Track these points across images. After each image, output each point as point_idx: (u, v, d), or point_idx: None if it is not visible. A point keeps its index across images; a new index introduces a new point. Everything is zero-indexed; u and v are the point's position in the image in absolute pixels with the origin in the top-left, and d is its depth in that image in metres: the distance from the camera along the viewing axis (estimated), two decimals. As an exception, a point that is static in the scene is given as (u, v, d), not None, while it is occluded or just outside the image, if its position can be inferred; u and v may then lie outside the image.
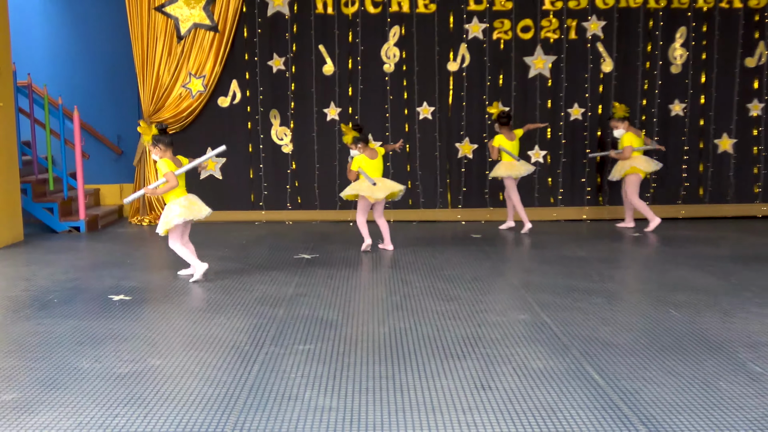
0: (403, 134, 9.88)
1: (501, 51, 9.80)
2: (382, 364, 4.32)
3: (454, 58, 9.84)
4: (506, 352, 4.52)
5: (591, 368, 4.23)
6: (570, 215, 9.95)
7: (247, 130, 9.99)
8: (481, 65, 9.82)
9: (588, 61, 9.81)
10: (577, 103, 9.87)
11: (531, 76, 9.86)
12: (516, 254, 7.63)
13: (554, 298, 5.78)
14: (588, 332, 4.90)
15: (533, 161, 9.90)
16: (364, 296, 5.93)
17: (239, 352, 4.55)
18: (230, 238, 8.77)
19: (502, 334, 4.88)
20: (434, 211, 9.98)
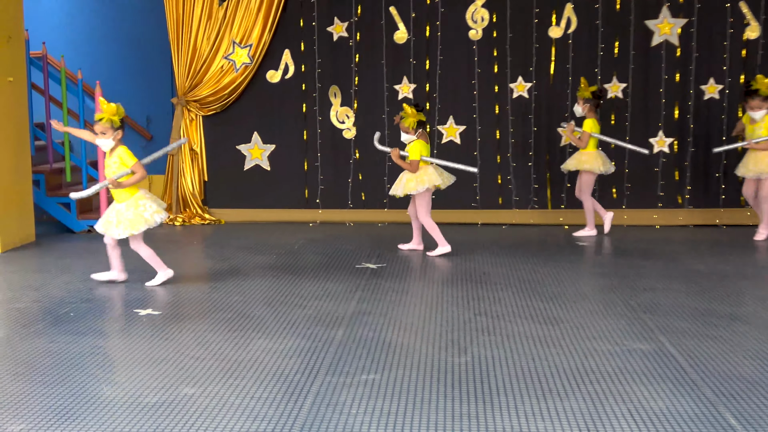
0: (491, 116, 9.83)
1: (617, 13, 9.64)
2: (464, 402, 4.29)
3: (558, 21, 9.74)
4: (620, 389, 4.44)
5: (728, 413, 4.12)
6: (701, 219, 9.71)
7: (301, 111, 10.09)
8: (592, 30, 9.69)
9: (727, 25, 9.57)
10: (712, 78, 9.64)
11: (654, 44, 9.67)
12: (633, 268, 7.49)
13: (682, 324, 5.64)
14: (726, 367, 4.77)
15: (656, 150, 9.72)
16: (443, 316, 5.91)
17: (288, 382, 4.59)
18: (279, 241, 8.87)
19: (616, 367, 4.79)
20: (529, 213, 9.88)
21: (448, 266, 7.58)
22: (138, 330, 5.59)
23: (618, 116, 9.71)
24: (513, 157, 9.85)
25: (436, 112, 9.89)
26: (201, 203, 10.23)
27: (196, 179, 10.20)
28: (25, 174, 8.75)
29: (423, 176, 7.96)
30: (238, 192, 10.25)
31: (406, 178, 8.00)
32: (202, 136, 10.22)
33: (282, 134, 10.15)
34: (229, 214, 10.25)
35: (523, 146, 9.84)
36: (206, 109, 10.15)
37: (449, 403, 4.27)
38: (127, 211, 6.67)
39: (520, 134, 9.85)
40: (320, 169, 10.10)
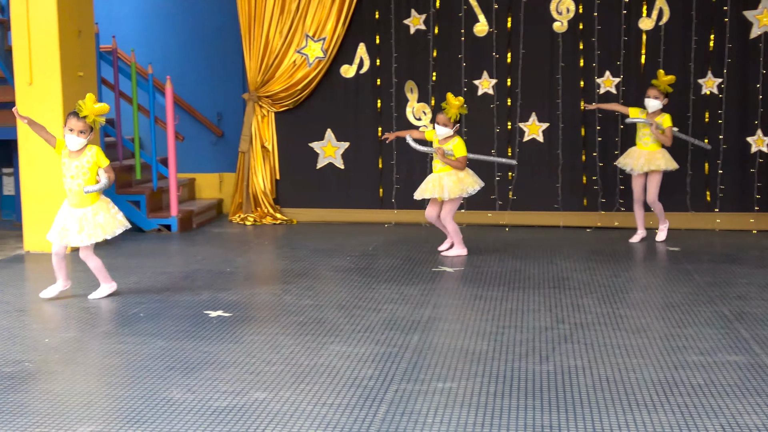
0: (577, 112, 9.77)
1: (712, 3, 9.50)
2: (545, 413, 4.29)
3: (648, 12, 9.63)
4: (712, 402, 4.39)
5: (830, 431, 4.05)
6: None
7: (376, 107, 10.17)
8: (686, 22, 9.56)
9: (834, 16, 9.37)
10: (818, 73, 9.44)
11: (753, 37, 9.50)
12: (726, 274, 7.38)
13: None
14: (827, 382, 4.68)
15: (754, 150, 9.54)
16: (522, 323, 5.92)
17: (362, 389, 4.65)
18: (353, 243, 8.95)
19: (707, 379, 4.74)
20: (615, 215, 9.79)
21: (527, 271, 7.57)
22: (208, 332, 5.72)
23: (712, 114, 9.56)
24: (599, 157, 9.77)
25: (518, 109, 9.87)
26: (272, 202, 10.38)
27: (268, 178, 10.35)
28: (95, 171, 8.98)
29: (467, 178, 8.04)
30: (310, 191, 10.38)
31: (450, 181, 7.99)
32: (273, 133, 10.38)
33: (356, 131, 10.25)
34: (302, 214, 10.39)
35: (610, 144, 9.75)
36: (278, 105, 10.30)
37: (529, 413, 4.28)
38: (97, 216, 6.50)
39: (607, 132, 9.76)
40: (395, 168, 10.17)
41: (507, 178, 9.91)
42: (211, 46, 10.93)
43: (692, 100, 9.52)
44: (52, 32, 8.24)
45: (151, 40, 10.94)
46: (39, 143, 7.99)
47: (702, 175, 9.44)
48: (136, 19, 11.06)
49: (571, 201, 9.86)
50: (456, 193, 8.00)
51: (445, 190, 7.99)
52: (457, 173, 8.01)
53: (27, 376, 4.89)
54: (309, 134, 10.36)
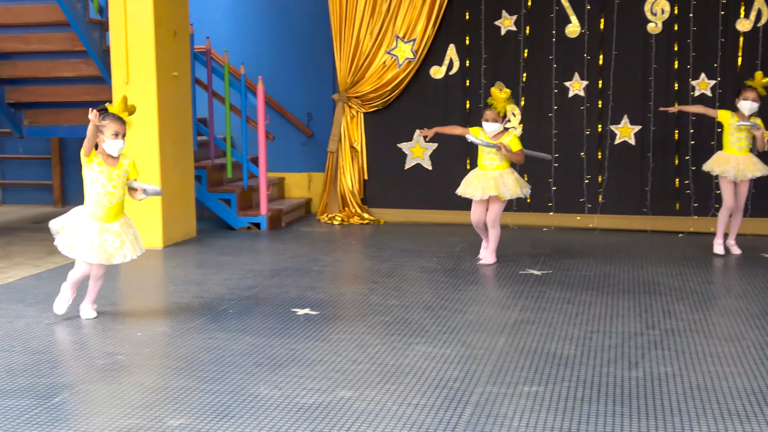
0: (669, 115, 9.58)
1: (814, 3, 9.24)
2: (634, 419, 4.23)
3: (746, 13, 9.40)
4: (808, 415, 4.27)
5: None
6: None
7: (465, 108, 10.14)
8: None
9: None
10: None
11: None
12: (826, 283, 7.16)
13: None
14: None
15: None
16: (611, 328, 5.83)
17: (447, 390, 4.64)
18: (441, 243, 8.95)
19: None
20: (710, 220, 9.57)
21: (617, 275, 7.46)
22: (295, 329, 5.78)
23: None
24: (692, 160, 9.57)
25: (609, 111, 9.74)
26: (360, 202, 10.44)
27: (356, 178, 10.41)
28: (188, 169, 9.18)
29: (521, 179, 7.88)
30: (398, 192, 10.40)
31: (511, 180, 7.71)
32: (363, 134, 10.43)
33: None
34: (389, 214, 10.42)
35: (705, 148, 9.54)
36: (367, 105, 10.35)
37: (617, 419, 4.22)
38: (130, 228, 6.05)
39: (701, 135, 9.55)
40: (484, 170, 10.11)
41: (597, 181, 9.78)
42: (303, 47, 11.04)
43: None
44: (149, 33, 8.43)
45: (244, 41, 11.11)
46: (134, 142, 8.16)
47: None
48: (230, 20, 11.24)
49: (662, 205, 9.68)
50: (516, 193, 7.76)
51: (506, 189, 7.70)
52: (514, 172, 7.84)
53: (119, 368, 5.00)
54: (397, 135, 10.39)
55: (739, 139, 8.29)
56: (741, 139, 8.30)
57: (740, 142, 8.31)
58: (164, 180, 8.58)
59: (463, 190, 7.91)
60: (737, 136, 8.28)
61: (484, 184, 7.75)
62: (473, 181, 7.84)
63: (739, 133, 8.27)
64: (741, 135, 8.28)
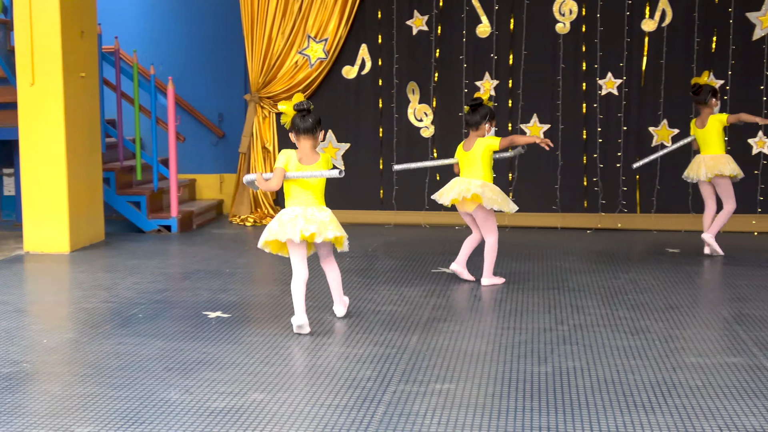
0: (578, 114, 9.78)
1: (715, 4, 9.50)
2: (544, 414, 4.30)
3: (651, 14, 9.64)
4: (710, 404, 4.40)
5: (828, 433, 4.06)
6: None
7: (377, 108, 10.18)
8: (688, 23, 9.56)
9: (836, 18, 9.37)
10: (819, 74, 9.44)
11: (756, 39, 9.50)
12: (725, 276, 7.39)
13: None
14: (826, 385, 4.69)
15: (756, 152, 9.55)
16: (522, 325, 5.92)
17: (360, 390, 4.66)
18: (353, 244, 8.88)
19: (706, 381, 4.75)
20: (617, 217, 9.80)
21: (527, 272, 7.58)
22: (207, 333, 5.73)
23: (714, 115, 9.55)
24: (600, 158, 9.77)
25: (519, 110, 9.88)
26: (273, 203, 10.40)
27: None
28: (96, 171, 9.02)
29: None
30: (310, 192, 10.36)
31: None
32: (275, 134, 10.38)
33: (357, 132, 10.26)
34: (302, 215, 10.37)
35: (611, 146, 9.76)
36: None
37: (527, 414, 4.29)
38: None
39: (608, 134, 9.77)
40: (396, 169, 10.17)
41: (507, 179, 9.91)
42: (214, 47, 10.94)
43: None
44: (55, 33, 8.25)
45: (153, 41, 10.96)
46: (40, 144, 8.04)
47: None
48: (139, 20, 11.07)
49: (571, 202, 9.87)
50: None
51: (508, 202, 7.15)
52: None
53: (25, 376, 4.90)
54: (310, 135, 10.34)
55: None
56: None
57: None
58: (71, 182, 8.41)
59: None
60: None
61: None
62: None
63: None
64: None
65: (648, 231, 9.64)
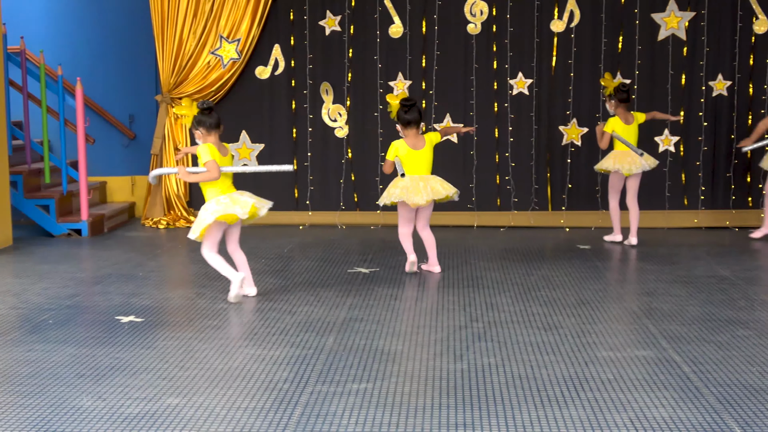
0: (489, 114, 9.89)
1: (621, 5, 9.72)
2: (460, 410, 4.35)
3: (560, 15, 9.81)
4: (621, 397, 4.50)
5: (733, 421, 4.18)
6: (710, 221, 9.79)
7: (291, 108, 10.15)
8: (596, 24, 9.76)
9: (736, 19, 9.65)
10: (721, 74, 9.71)
11: (661, 39, 9.74)
12: (635, 272, 7.56)
13: (686, 330, 5.71)
14: (730, 374, 4.83)
15: (662, 149, 9.79)
16: (437, 323, 5.97)
17: (277, 391, 4.64)
18: (268, 246, 8.93)
19: (617, 374, 4.85)
20: (529, 214, 9.95)
21: (443, 272, 7.64)
22: (120, 338, 5.64)
23: (622, 114, 9.77)
24: (512, 157, 9.91)
25: (432, 110, 9.96)
26: (186, 205, 10.28)
27: (181, 180, 10.23)
28: (2, 174, 8.80)
29: (394, 188, 7.52)
30: (225, 193, 10.27)
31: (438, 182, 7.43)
32: (187, 136, 10.27)
33: (271, 133, 10.21)
34: (216, 217, 10.28)
35: (523, 145, 9.91)
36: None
37: (443, 411, 4.33)
38: (200, 211, 6.64)
39: (520, 133, 9.91)
40: (310, 170, 10.16)
41: (422, 179, 9.96)
42: (123, 47, 10.76)
43: (602, 102, 9.71)
44: (-44, 32, 8.03)
45: (61, 41, 10.73)
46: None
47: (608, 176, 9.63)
48: (46, 20, 10.83)
49: (485, 201, 9.98)
50: (384, 202, 7.50)
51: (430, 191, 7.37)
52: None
53: (-70, 386, 4.76)
54: (223, 136, 10.20)
55: None
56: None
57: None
58: (-24, 187, 8.20)
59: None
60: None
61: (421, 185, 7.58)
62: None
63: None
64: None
65: (560, 228, 9.81)
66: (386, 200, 7.44)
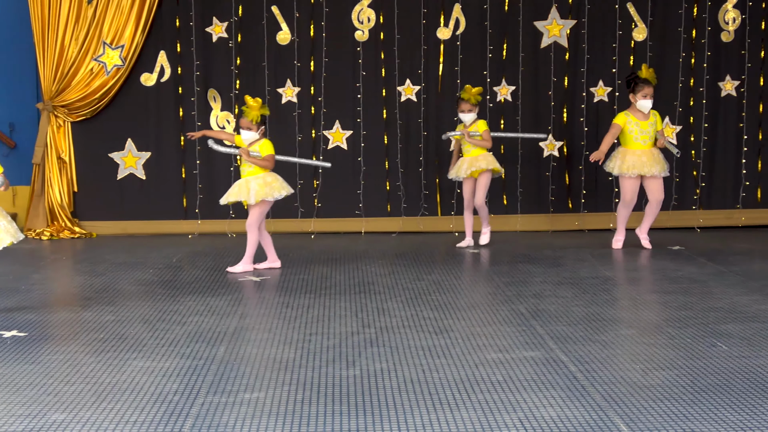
0: (378, 120, 9.95)
1: (505, 14, 9.91)
2: (353, 417, 4.35)
3: (446, 22, 9.94)
4: (511, 398, 4.57)
5: (617, 417, 4.29)
6: (594, 224, 10.06)
7: (178, 116, 10.01)
8: (481, 32, 9.93)
9: (616, 27, 9.94)
10: (602, 80, 10.00)
11: (544, 46, 9.97)
12: (523, 275, 7.70)
13: (572, 330, 5.84)
14: (614, 372, 4.96)
15: (546, 154, 10.01)
16: (329, 329, 5.97)
17: (167, 404, 4.56)
18: (157, 255, 8.78)
19: (506, 375, 4.93)
20: (419, 220, 10.05)
21: (334, 278, 7.65)
22: (2, 353, 5.47)
23: (508, 119, 9.97)
24: (401, 163, 9.99)
25: (322, 117, 9.96)
26: (70, 216, 10.04)
27: (65, 190, 10.00)
28: None
29: (275, 183, 7.83)
30: (111, 203, 10.09)
31: (257, 184, 7.78)
32: (71, 144, 10.04)
33: (158, 141, 10.05)
34: (102, 227, 10.08)
35: (412, 151, 10.00)
36: (75, 114, 9.98)
37: (336, 418, 4.32)
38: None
39: (409, 139, 10.00)
40: (199, 178, 10.03)
41: (312, 186, 9.97)
42: (2, 53, 10.43)
43: (489, 108, 9.89)
44: None
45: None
46: None
47: (499, 179, 9.81)
48: None
49: (375, 207, 10.03)
50: (261, 196, 7.77)
51: (252, 193, 7.78)
52: (265, 177, 7.85)
53: None
54: (108, 144, 10.08)
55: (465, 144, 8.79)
56: (467, 144, 8.77)
57: (467, 146, 8.80)
58: None
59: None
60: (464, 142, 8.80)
61: (231, 189, 7.92)
62: (232, 186, 8.01)
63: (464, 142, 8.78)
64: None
65: (449, 233, 9.93)
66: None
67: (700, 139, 10.05)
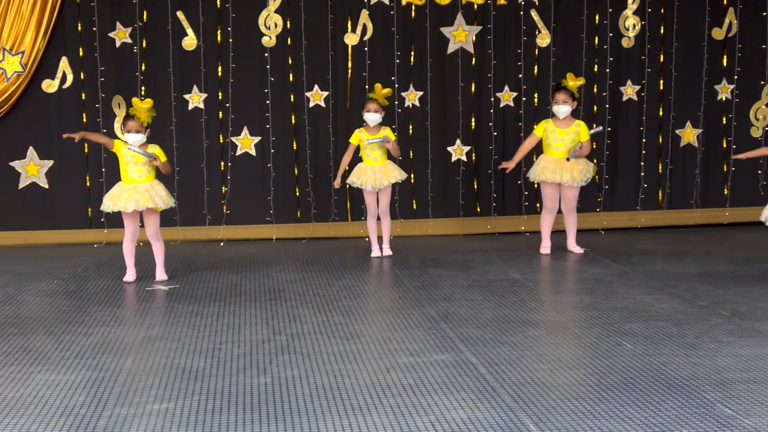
0: (288, 126, 9.93)
1: (412, 20, 9.98)
2: (264, 425, 4.33)
3: (353, 28, 9.96)
4: (422, 401, 4.61)
5: (527, 417, 4.36)
6: (503, 227, 10.20)
7: (82, 123, 9.82)
8: (388, 38, 9.97)
9: (521, 33, 10.11)
10: (507, 86, 10.15)
11: (450, 52, 10.07)
12: (433, 279, 7.77)
13: (481, 333, 5.92)
14: (522, 373, 5.05)
15: (455, 159, 10.12)
16: (239, 338, 5.93)
17: (73, 417, 4.48)
18: (62, 265, 8.60)
19: (417, 379, 4.97)
20: (329, 225, 10.05)
21: (244, 285, 7.60)
22: None
23: (416, 125, 10.04)
24: (311, 169, 9.98)
25: (230, 123, 9.88)
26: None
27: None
28: None
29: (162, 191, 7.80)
30: (11, 213, 9.81)
31: (162, 189, 7.76)
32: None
33: (61, 149, 9.81)
34: (3, 237, 9.80)
35: (321, 157, 9.99)
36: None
37: (248, 426, 4.30)
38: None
39: (318, 145, 9.99)
40: (105, 186, 9.83)
41: (220, 192, 9.89)
42: None
43: (398, 113, 9.94)
44: None
45: None
46: None
47: (408, 184, 9.87)
48: None
49: (285, 213, 10.00)
50: (169, 202, 7.71)
51: (158, 199, 7.64)
52: (160, 183, 7.77)
53: None
54: (9, 153, 9.81)
55: (374, 149, 8.73)
56: (375, 150, 8.72)
57: (374, 153, 8.74)
58: None
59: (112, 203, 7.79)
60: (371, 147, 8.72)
61: (136, 196, 7.64)
62: (123, 194, 7.72)
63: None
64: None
65: (360, 238, 9.95)
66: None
67: (603, 143, 10.28)
